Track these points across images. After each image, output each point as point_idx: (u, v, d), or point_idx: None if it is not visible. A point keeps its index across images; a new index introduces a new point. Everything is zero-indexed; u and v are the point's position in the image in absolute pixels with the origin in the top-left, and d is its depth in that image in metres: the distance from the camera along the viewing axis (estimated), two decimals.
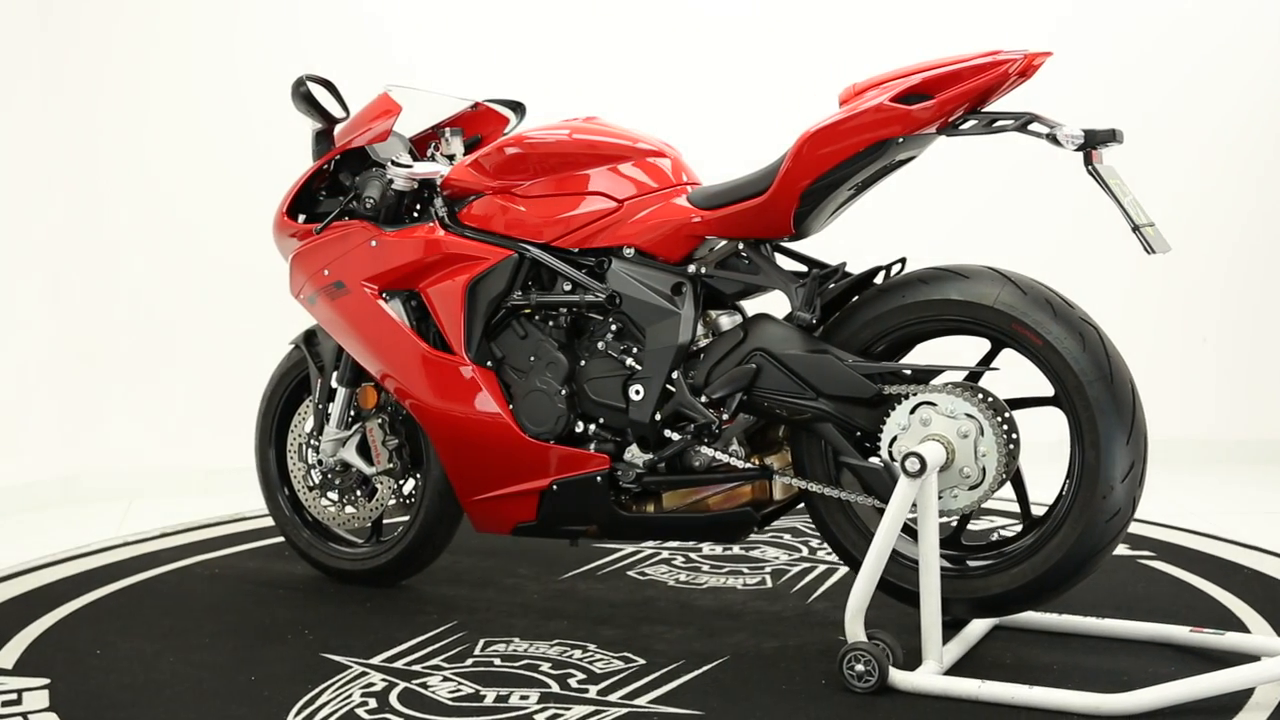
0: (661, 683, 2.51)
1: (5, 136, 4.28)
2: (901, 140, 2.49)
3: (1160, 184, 4.25)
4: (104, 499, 4.43)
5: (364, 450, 3.16)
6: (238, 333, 4.39)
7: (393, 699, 2.45)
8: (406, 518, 3.16)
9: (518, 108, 3.23)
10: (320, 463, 3.17)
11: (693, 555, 3.46)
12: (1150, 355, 4.17)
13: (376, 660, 2.67)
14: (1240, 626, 2.74)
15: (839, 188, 2.58)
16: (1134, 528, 3.48)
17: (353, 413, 3.17)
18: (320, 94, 2.99)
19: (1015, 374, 2.70)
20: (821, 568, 3.31)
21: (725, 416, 2.66)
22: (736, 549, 3.51)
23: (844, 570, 3.27)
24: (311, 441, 3.24)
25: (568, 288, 2.82)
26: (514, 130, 3.21)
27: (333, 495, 3.22)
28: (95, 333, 4.50)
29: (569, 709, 2.39)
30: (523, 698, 2.45)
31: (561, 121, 2.93)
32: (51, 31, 4.39)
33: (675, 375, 2.70)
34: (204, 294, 4.52)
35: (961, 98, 2.45)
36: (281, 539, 3.60)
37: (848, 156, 2.51)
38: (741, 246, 2.70)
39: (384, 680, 2.56)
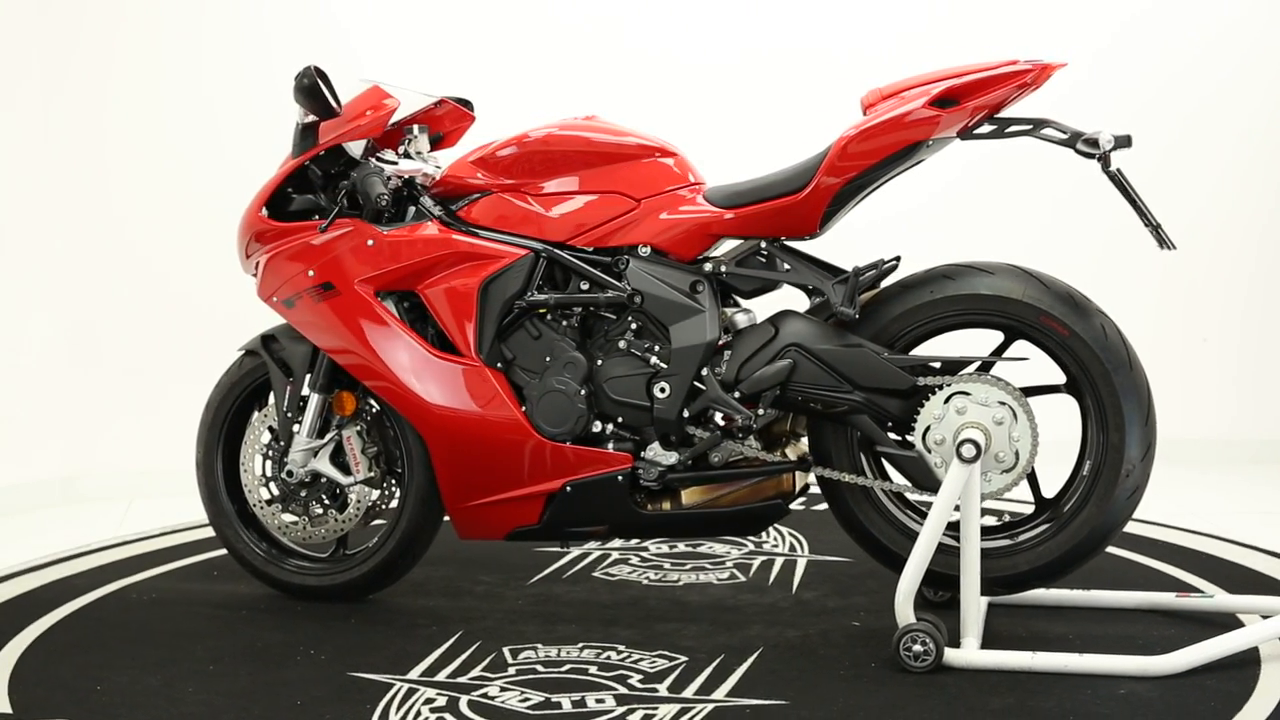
0: (720, 676, 2.53)
1: (6, 138, 4.29)
2: (931, 143, 2.62)
3: (1161, 185, 4.18)
4: (104, 499, 4.38)
5: (336, 460, 3.02)
6: (238, 333, 4.17)
7: (467, 712, 2.37)
8: (384, 524, 3.05)
9: (466, 105, 3.17)
10: (291, 474, 3.00)
11: (644, 554, 3.47)
12: (1150, 355, 4.15)
13: (413, 675, 2.57)
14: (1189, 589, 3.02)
15: (867, 187, 2.68)
16: (1135, 528, 3.58)
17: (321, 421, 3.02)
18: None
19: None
20: (780, 560, 3.39)
21: (760, 412, 2.70)
22: (682, 546, 3.55)
23: (804, 560, 3.36)
24: (269, 453, 3.07)
25: (584, 286, 2.80)
26: (471, 128, 3.14)
27: (296, 509, 3.05)
28: (95, 333, 4.49)
29: (656, 709, 2.38)
30: (598, 701, 2.42)
31: (563, 120, 2.89)
32: (52, 31, 4.42)
33: (705, 372, 2.72)
34: (205, 294, 4.35)
35: (989, 104, 2.59)
36: (201, 558, 3.40)
37: (885, 156, 2.62)
38: (764, 245, 2.76)
39: (440, 695, 2.46)
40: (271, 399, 3.09)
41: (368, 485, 3.00)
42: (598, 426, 2.80)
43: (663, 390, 2.74)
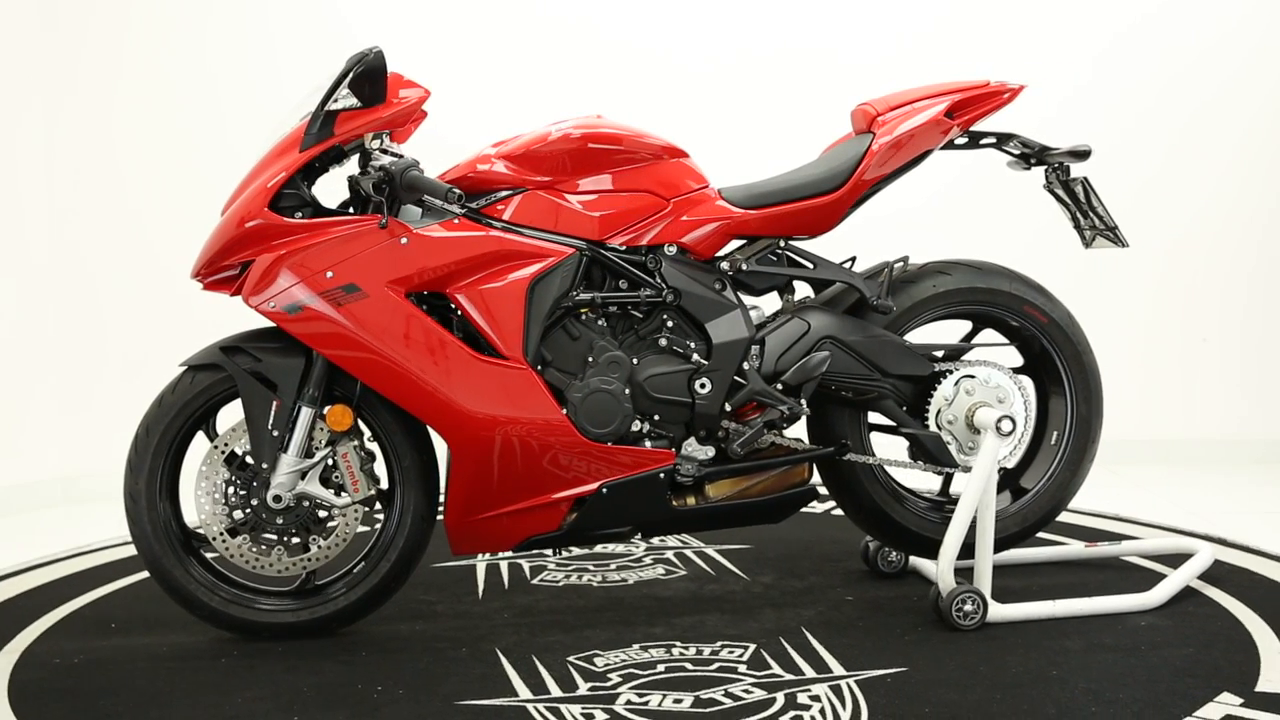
0: (811, 655, 2.63)
1: (11, 139, 4.25)
2: (934, 150, 2.89)
3: (1162, 186, 4.42)
4: (104, 499, 4.18)
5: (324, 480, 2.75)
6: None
7: (634, 718, 2.30)
8: (368, 547, 2.81)
9: None
10: (279, 499, 2.68)
11: (555, 561, 3.42)
12: (1150, 355, 4.22)
13: (526, 696, 2.43)
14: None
15: (880, 190, 2.89)
16: (1132, 530, 3.66)
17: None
18: None
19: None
20: (689, 552, 3.48)
21: (802, 402, 2.82)
22: (576, 550, 3.53)
23: (714, 550, 3.48)
24: (232, 478, 2.73)
25: (622, 285, 2.77)
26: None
27: (269, 539, 2.73)
28: (97, 333, 4.44)
29: (811, 689, 2.44)
30: (745, 691, 2.44)
31: (578, 118, 2.83)
32: (58, 34, 4.36)
33: (746, 367, 2.79)
34: (208, 295, 3.58)
35: (977, 118, 2.90)
36: (82, 602, 2.94)
37: (907, 161, 2.85)
38: (783, 244, 2.88)
39: (586, 709, 2.36)
40: (232, 419, 2.75)
41: (365, 506, 2.76)
42: (635, 425, 2.78)
43: (704, 386, 2.78)
